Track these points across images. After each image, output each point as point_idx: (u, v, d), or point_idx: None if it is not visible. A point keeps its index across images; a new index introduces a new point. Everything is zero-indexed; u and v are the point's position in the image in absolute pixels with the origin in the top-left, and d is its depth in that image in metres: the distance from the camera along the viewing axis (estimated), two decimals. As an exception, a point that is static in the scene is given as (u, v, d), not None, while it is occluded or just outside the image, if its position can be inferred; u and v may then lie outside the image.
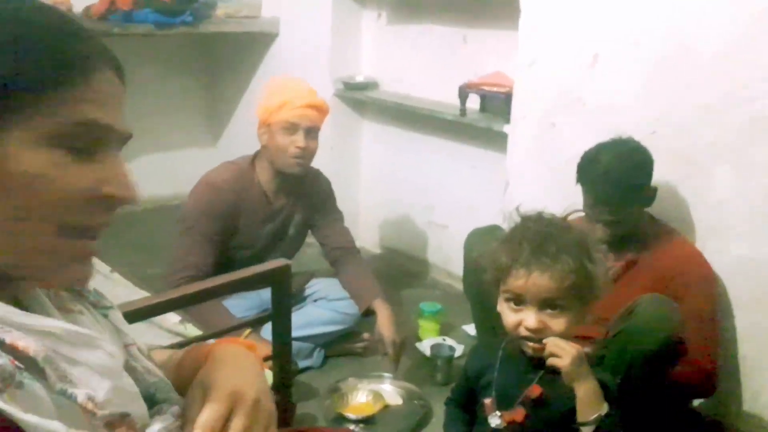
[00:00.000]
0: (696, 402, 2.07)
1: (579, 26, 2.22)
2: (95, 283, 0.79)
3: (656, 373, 1.71)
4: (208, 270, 2.15)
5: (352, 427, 2.10)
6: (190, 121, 3.87)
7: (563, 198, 2.01)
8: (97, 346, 0.68)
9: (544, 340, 1.24)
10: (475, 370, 1.38)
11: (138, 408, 0.72)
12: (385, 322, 2.26)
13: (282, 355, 1.39)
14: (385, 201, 3.34)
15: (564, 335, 1.25)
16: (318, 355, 2.41)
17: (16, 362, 0.59)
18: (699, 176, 2.03)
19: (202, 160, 3.00)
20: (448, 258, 3.04)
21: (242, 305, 2.30)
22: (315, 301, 2.46)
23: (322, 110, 2.26)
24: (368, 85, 3.21)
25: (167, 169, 3.65)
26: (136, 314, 1.05)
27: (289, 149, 2.20)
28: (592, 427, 1.24)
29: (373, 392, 2.21)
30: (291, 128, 2.20)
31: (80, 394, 0.64)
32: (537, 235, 1.24)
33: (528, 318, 1.24)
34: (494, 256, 1.28)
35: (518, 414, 1.27)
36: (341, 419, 2.11)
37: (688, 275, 1.86)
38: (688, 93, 2.01)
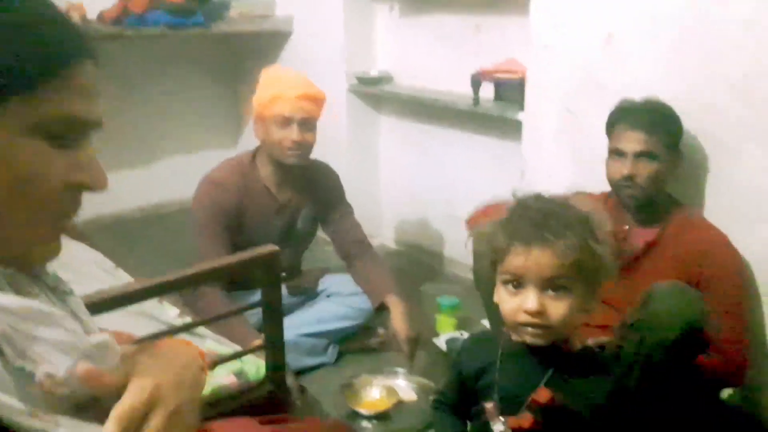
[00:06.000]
0: (725, 394, 1.97)
1: (591, 4, 2.14)
2: (98, 280, 0.79)
3: (678, 364, 1.61)
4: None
5: (364, 423, 2.06)
6: (209, 122, 3.86)
7: (582, 184, 1.96)
8: (57, 323, 0.66)
9: None
10: (473, 369, 1.25)
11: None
12: (398, 318, 2.20)
13: (274, 345, 1.35)
14: (404, 196, 3.29)
15: (566, 322, 1.13)
16: (332, 352, 2.37)
17: None
18: (725, 156, 1.93)
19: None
20: (467, 252, 2.96)
21: (254, 302, 2.27)
22: (328, 296, 2.42)
23: (317, 101, 2.19)
24: (383, 79, 3.16)
25: (187, 171, 3.64)
26: (113, 302, 1.01)
27: (284, 143, 2.15)
28: None
29: (386, 388, 2.16)
30: (285, 122, 2.15)
31: (39, 372, 0.62)
32: (538, 213, 1.15)
33: (527, 300, 1.12)
34: (491, 237, 1.19)
35: (525, 420, 1.14)
36: (354, 415, 2.07)
37: (714, 260, 1.75)
38: (713, 67, 1.90)
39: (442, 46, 2.96)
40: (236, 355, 1.37)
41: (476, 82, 2.59)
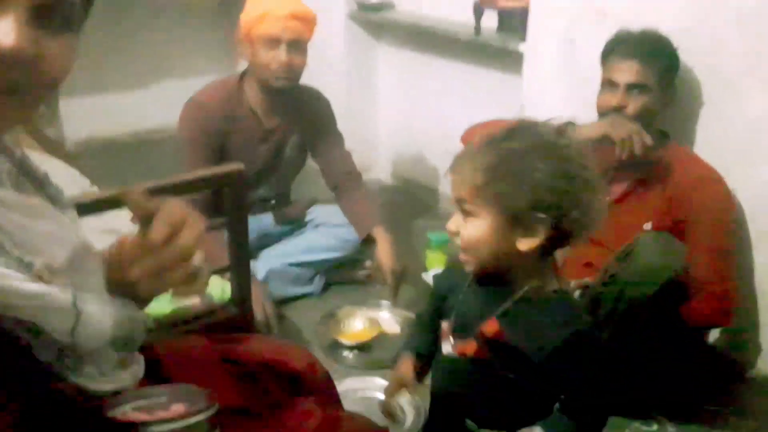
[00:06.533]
0: (712, 339, 1.94)
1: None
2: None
3: (656, 317, 1.57)
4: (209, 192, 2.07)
5: (345, 353, 2.05)
6: (205, 46, 3.74)
7: (581, 118, 1.88)
8: (51, 216, 0.67)
9: None
10: (443, 288, 1.22)
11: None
12: (384, 250, 2.16)
13: (239, 265, 1.30)
14: (402, 130, 3.21)
15: (476, 246, 1.06)
16: (318, 282, 2.34)
17: None
18: (727, 93, 1.85)
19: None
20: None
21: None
22: (316, 227, 2.38)
23: (307, 20, 2.08)
24: (383, 6, 3.03)
25: (182, 96, 3.54)
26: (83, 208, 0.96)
27: (272, 65, 2.06)
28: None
29: (369, 319, 2.15)
30: (272, 42, 2.04)
31: (37, 263, 0.63)
32: (502, 131, 1.08)
33: (450, 221, 1.09)
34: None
35: (469, 347, 1.10)
36: (335, 344, 2.06)
37: (702, 195, 1.70)
38: (722, -1, 1.81)
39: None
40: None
41: (478, 9, 2.48)
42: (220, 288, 1.40)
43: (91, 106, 3.48)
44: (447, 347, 1.13)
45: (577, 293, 1.73)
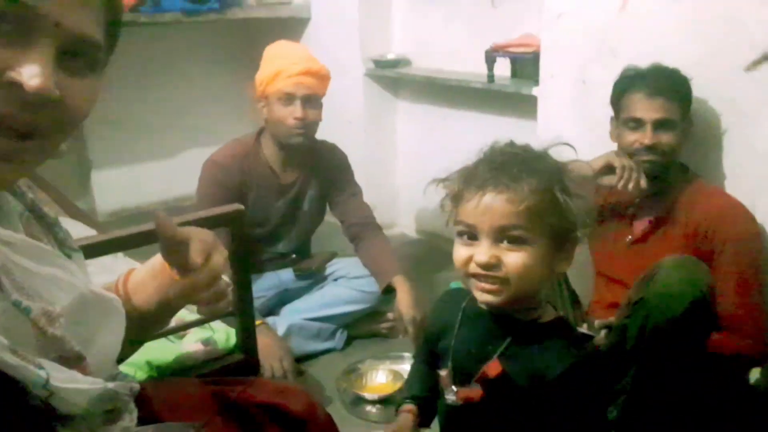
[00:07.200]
0: (753, 377, 1.83)
1: (605, -32, 2.03)
2: (100, 263, 0.81)
3: (687, 343, 1.49)
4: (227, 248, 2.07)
5: (368, 407, 1.99)
6: (229, 111, 3.84)
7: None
8: (56, 262, 0.66)
9: None
10: (435, 329, 1.16)
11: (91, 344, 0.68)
12: (404, 299, 2.12)
13: (244, 309, 1.28)
14: (421, 182, 3.15)
15: (524, 278, 0.99)
16: (340, 337, 2.30)
17: None
18: (745, 124, 1.80)
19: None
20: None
21: (261, 285, 2.22)
22: (336, 280, 2.35)
23: (320, 76, 2.12)
24: (400, 62, 3.09)
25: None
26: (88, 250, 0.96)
27: (288, 120, 2.09)
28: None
29: (392, 372, 2.09)
30: (287, 98, 2.08)
31: (35, 308, 0.61)
32: (500, 156, 1.05)
33: (479, 252, 0.99)
34: (449, 184, 1.09)
35: (474, 393, 1.03)
36: (358, 399, 2.00)
37: (727, 229, 1.63)
38: (735, 32, 1.77)
39: (458, 25, 2.87)
40: (204, 320, 1.30)
41: (490, 57, 2.50)
42: (225, 334, 1.37)
43: (121, 177, 3.57)
44: (450, 396, 1.06)
45: (602, 333, 1.66)
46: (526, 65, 2.43)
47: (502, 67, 2.56)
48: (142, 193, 3.63)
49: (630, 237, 1.81)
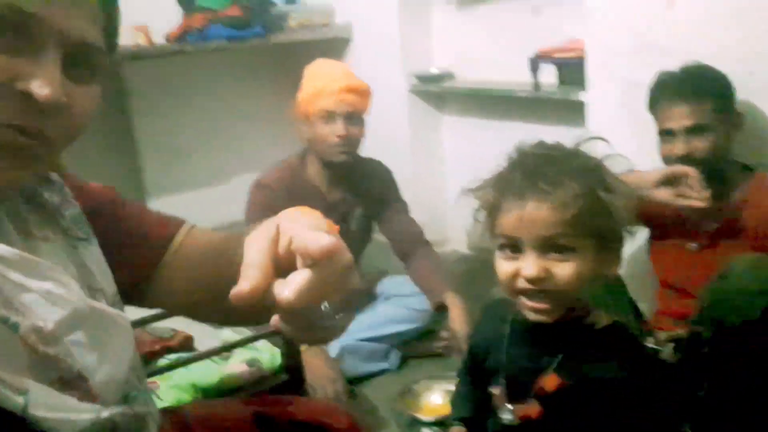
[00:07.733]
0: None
1: (649, -35, 1.96)
2: None
3: (764, 347, 1.39)
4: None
5: (425, 429, 1.93)
6: (275, 133, 3.86)
7: (648, 163, 1.77)
8: (51, 277, 0.62)
9: None
10: (482, 347, 1.10)
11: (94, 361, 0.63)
12: (457, 317, 2.06)
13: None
14: (471, 197, 3.14)
15: (578, 287, 0.94)
16: (394, 357, 2.25)
17: None
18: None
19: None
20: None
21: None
22: (387, 299, 2.31)
23: (361, 92, 2.10)
24: (443, 77, 3.05)
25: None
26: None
27: (330, 139, 2.08)
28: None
29: (449, 392, 2.02)
30: (329, 116, 2.07)
31: (24, 325, 0.57)
32: (533, 159, 0.99)
33: (526, 265, 0.94)
34: (483, 194, 1.03)
35: (532, 410, 0.98)
36: (414, 422, 1.94)
37: None
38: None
39: (499, 35, 2.82)
40: (249, 340, 1.27)
41: (535, 64, 2.43)
42: (269, 355, 1.35)
43: (173, 204, 3.62)
44: (506, 415, 1.01)
45: (670, 347, 1.57)
46: (572, 71, 2.36)
47: (547, 75, 2.50)
48: (195, 219, 3.67)
49: (695, 244, 1.72)
